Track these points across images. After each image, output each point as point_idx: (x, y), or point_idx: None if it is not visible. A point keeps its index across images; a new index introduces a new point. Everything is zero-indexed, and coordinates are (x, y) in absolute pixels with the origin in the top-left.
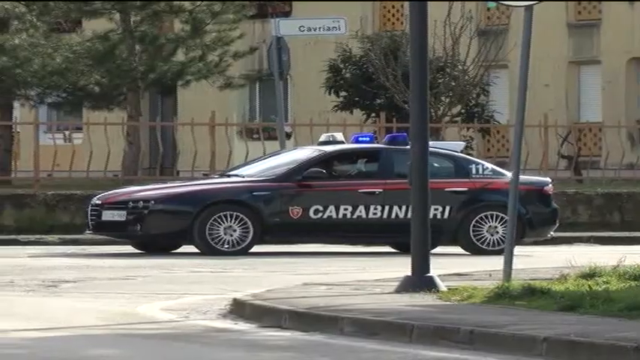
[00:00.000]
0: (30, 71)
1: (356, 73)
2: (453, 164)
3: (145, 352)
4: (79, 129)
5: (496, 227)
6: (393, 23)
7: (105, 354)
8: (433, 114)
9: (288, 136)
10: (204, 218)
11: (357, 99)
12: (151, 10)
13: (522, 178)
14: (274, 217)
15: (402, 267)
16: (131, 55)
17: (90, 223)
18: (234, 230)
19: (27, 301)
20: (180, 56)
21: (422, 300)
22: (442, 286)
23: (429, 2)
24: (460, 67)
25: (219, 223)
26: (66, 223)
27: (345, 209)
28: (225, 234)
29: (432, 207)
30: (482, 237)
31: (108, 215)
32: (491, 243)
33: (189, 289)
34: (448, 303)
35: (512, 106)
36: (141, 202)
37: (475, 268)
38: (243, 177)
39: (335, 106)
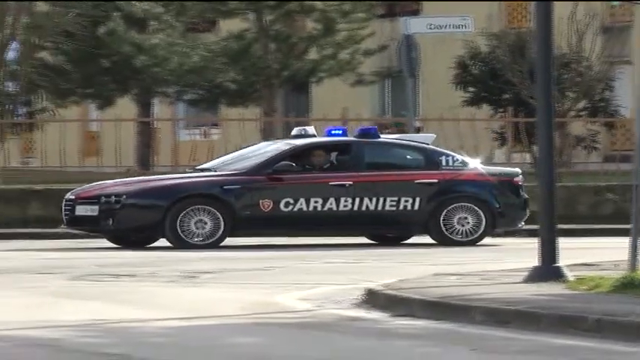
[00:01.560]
0: (168, 70)
1: (483, 70)
2: (423, 156)
3: (283, 340)
4: (215, 125)
5: (466, 218)
6: (519, 20)
7: (244, 342)
8: (559, 108)
9: (418, 131)
10: (175, 212)
11: (484, 94)
12: (284, 9)
13: (492, 169)
14: (245, 211)
15: (529, 258)
16: (265, 53)
17: (64, 218)
18: (205, 223)
19: (168, 292)
20: (312, 54)
21: (550, 289)
22: (569, 275)
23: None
24: (585, 63)
25: (191, 217)
26: None
27: (316, 202)
28: (196, 227)
29: (402, 198)
30: (453, 228)
31: (81, 210)
32: (461, 233)
33: (324, 279)
34: (575, 292)
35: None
36: (113, 196)
37: (601, 258)
38: (215, 171)
39: (463, 101)
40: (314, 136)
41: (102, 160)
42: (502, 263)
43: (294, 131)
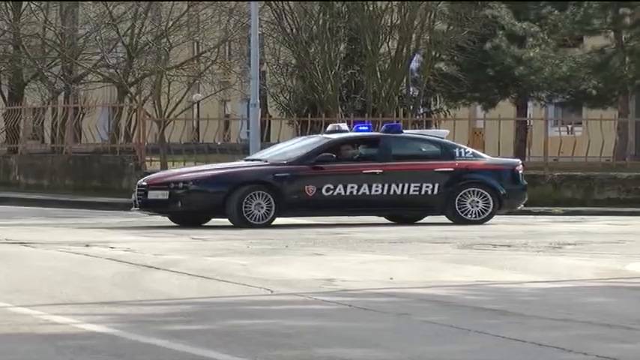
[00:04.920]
0: (541, 78)
1: None
2: (439, 148)
3: (631, 301)
4: (578, 124)
5: (477, 201)
6: None
7: (597, 301)
8: None
9: None
10: (239, 196)
11: None
12: (639, 29)
13: (496, 159)
14: (293, 195)
15: None
16: (622, 64)
17: (137, 201)
18: (262, 207)
19: (537, 260)
20: None
21: None
22: None
23: None
24: None
25: (250, 201)
26: (568, 198)
27: (352, 187)
28: (255, 209)
29: (424, 184)
30: (466, 209)
31: (152, 195)
32: (473, 214)
33: None
34: None
35: None
36: (181, 183)
37: None
38: (266, 161)
39: None
40: (347, 131)
41: (485, 152)
42: None
43: (329, 127)
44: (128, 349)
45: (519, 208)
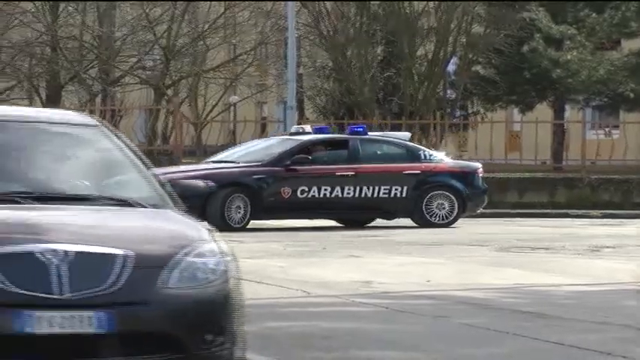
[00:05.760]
0: (578, 81)
1: None
2: (405, 151)
3: None
4: (616, 127)
5: (443, 204)
6: None
7: (635, 305)
8: None
9: None
10: (223, 198)
11: None
12: None
13: (459, 162)
14: (270, 197)
15: None
16: None
17: None
18: (240, 209)
19: (575, 262)
20: None
21: None
22: None
23: None
24: None
25: (231, 203)
26: (606, 201)
27: (325, 189)
28: (234, 212)
29: (393, 187)
30: (432, 212)
31: None
32: (439, 217)
33: None
34: None
35: None
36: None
37: None
38: (237, 163)
39: None
40: (310, 133)
41: (522, 154)
42: None
43: (293, 129)
44: None
45: (478, 211)
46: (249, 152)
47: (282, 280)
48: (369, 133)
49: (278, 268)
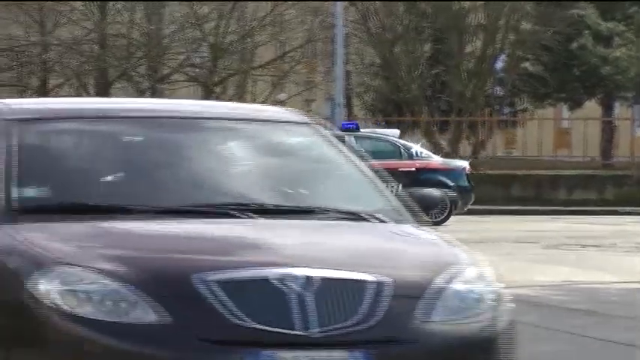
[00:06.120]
0: (627, 77)
1: None
2: (398, 148)
3: None
4: None
5: None
6: None
7: None
8: None
9: None
10: None
11: None
12: None
13: (448, 160)
14: None
15: None
16: None
17: None
18: None
19: (626, 260)
20: None
21: None
22: None
23: None
24: None
25: None
26: None
27: None
28: None
29: (391, 184)
30: None
31: None
32: (433, 215)
33: None
34: None
35: None
36: None
37: None
38: None
39: None
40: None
41: (571, 151)
42: None
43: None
44: None
45: (466, 209)
46: None
47: None
48: (362, 131)
49: None
